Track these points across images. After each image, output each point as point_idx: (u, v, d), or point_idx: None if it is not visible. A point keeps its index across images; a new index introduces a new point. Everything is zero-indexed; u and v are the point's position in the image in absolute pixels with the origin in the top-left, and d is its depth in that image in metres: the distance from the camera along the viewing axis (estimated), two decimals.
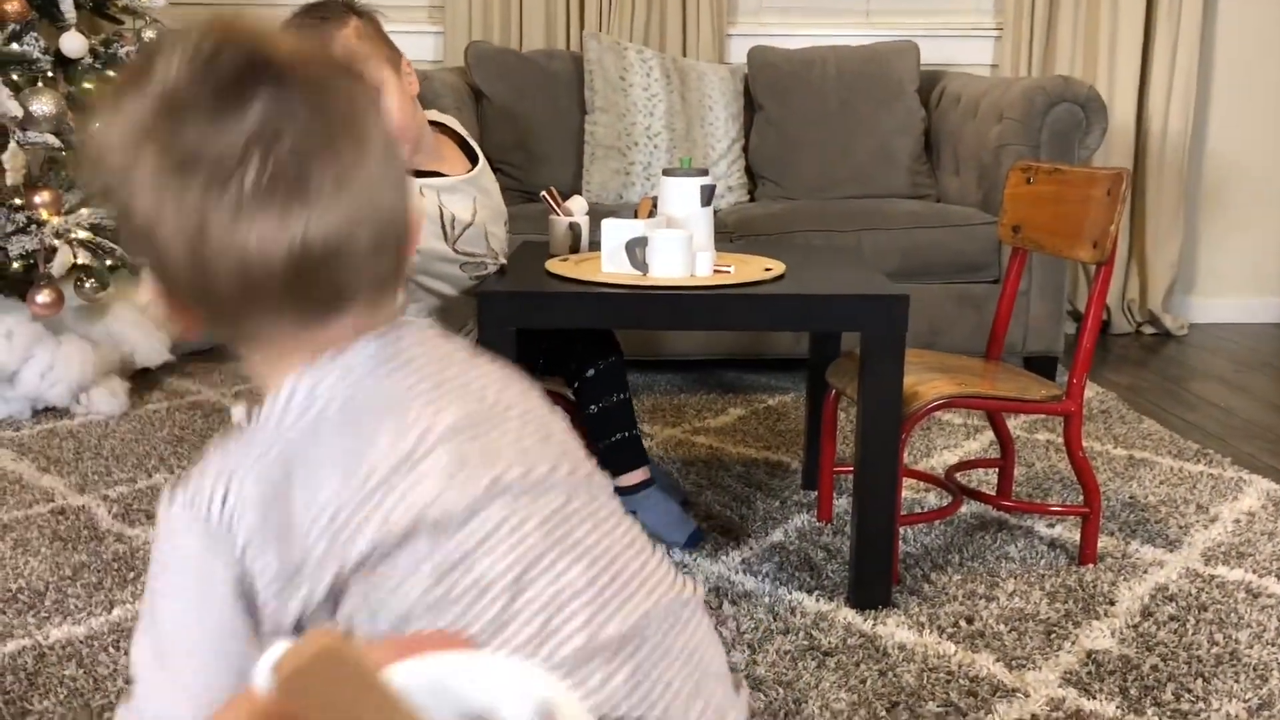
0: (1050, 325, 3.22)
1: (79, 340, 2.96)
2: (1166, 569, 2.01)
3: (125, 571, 1.96)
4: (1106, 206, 1.94)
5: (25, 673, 1.63)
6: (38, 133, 2.84)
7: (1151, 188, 3.93)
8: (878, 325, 1.77)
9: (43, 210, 2.84)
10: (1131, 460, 2.59)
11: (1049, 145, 3.15)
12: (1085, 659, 1.69)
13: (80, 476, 2.44)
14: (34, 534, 2.12)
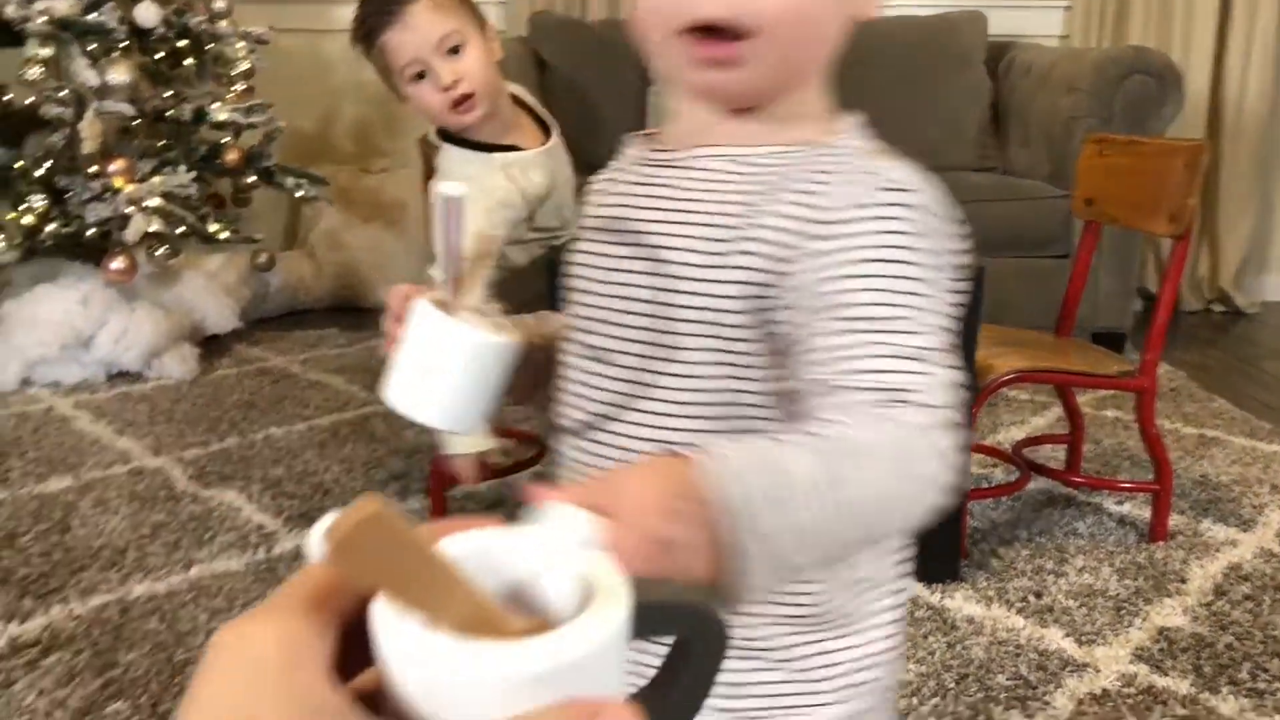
0: (1119, 302, 3.17)
1: (151, 306, 3.02)
2: (1240, 548, 1.98)
3: (202, 532, 2.01)
4: (1184, 178, 1.91)
5: (111, 626, 1.68)
6: (113, 102, 2.90)
7: (1226, 162, 3.84)
8: None
9: (117, 178, 2.90)
10: (1202, 439, 2.55)
11: (1122, 117, 3.09)
12: (1157, 636, 1.68)
13: (155, 439, 2.50)
14: (113, 493, 2.18)
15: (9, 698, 1.49)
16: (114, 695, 1.50)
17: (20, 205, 2.90)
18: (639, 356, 0.71)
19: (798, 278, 0.64)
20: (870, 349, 0.60)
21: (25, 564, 1.87)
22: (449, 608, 0.32)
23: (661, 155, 0.74)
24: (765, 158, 0.69)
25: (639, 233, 0.72)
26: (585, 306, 0.75)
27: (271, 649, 0.32)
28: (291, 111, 3.64)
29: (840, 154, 0.68)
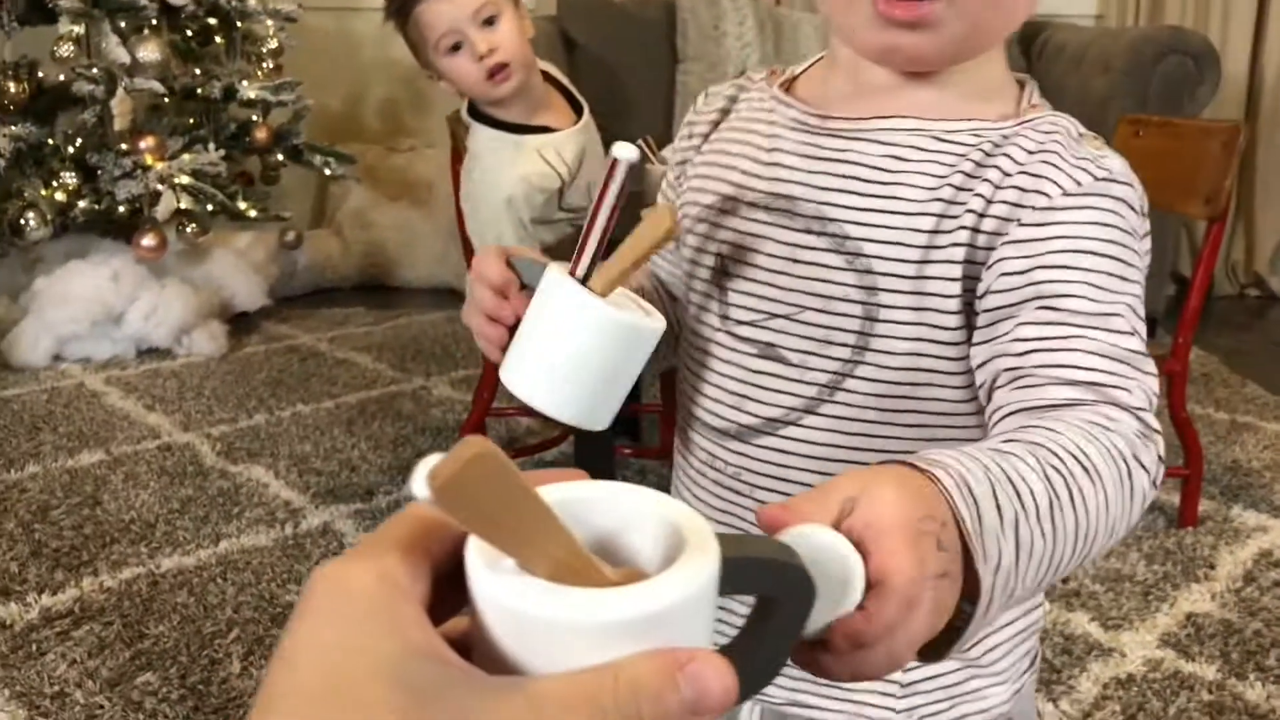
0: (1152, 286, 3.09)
1: (180, 284, 3.04)
2: (1271, 534, 1.96)
3: (230, 507, 2.03)
4: (1221, 160, 1.88)
5: (140, 599, 1.70)
6: (144, 79, 2.91)
7: (1263, 144, 3.78)
8: None
9: (147, 155, 2.92)
10: (1234, 424, 2.52)
11: (1158, 99, 3.04)
12: (1184, 621, 1.66)
13: (184, 415, 2.52)
14: (143, 468, 2.20)
15: (41, 667, 1.51)
16: (143, 666, 1.52)
17: (52, 182, 2.92)
18: (834, 360, 0.64)
19: (1006, 263, 0.60)
20: (1081, 343, 0.56)
21: (57, 537, 1.90)
22: (545, 552, 0.32)
23: (834, 124, 0.66)
24: (965, 134, 0.63)
25: (828, 219, 0.64)
26: (755, 298, 0.66)
27: (371, 586, 0.32)
28: (320, 90, 3.65)
29: (1050, 134, 0.62)
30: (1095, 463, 0.50)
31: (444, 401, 2.59)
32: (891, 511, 0.40)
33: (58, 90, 2.96)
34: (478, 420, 2.07)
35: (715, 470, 0.70)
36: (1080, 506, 0.49)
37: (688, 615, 0.32)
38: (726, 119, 0.73)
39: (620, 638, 0.31)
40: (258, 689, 0.31)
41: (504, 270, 0.65)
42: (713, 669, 0.31)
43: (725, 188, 0.69)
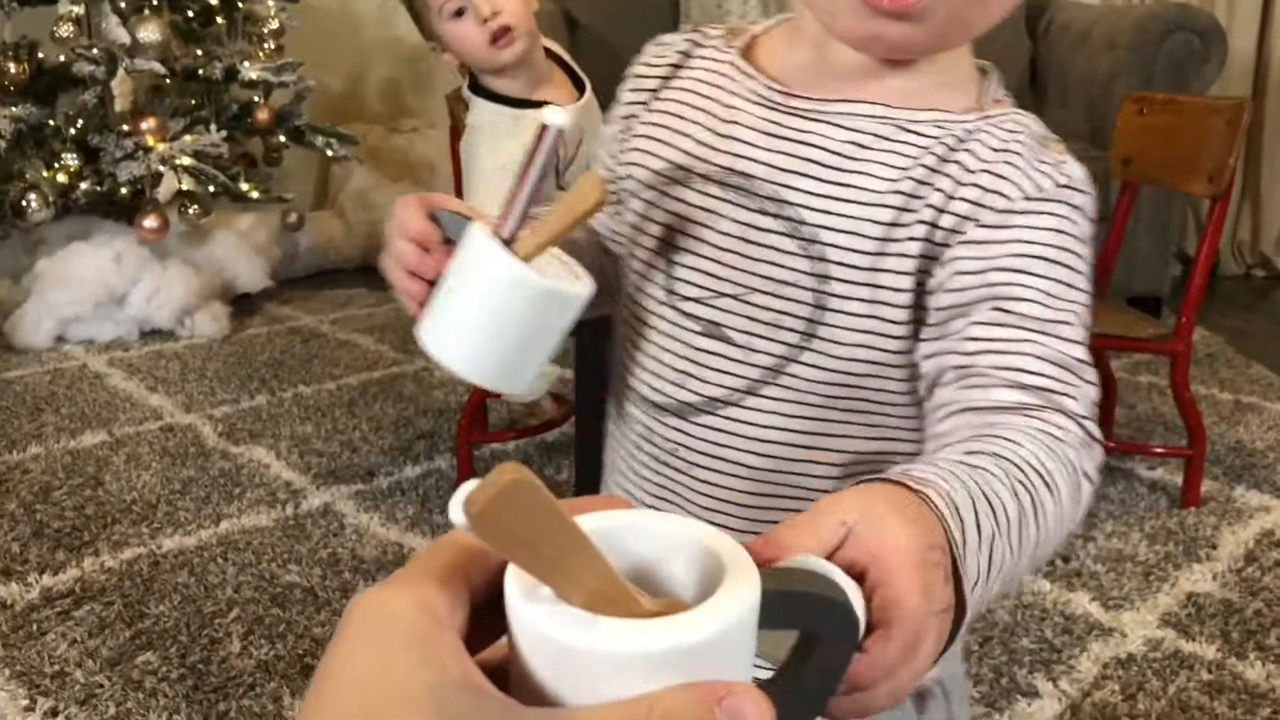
0: (1156, 265, 3.12)
1: (183, 265, 3.04)
2: (1274, 514, 1.95)
3: (231, 488, 2.03)
4: (1225, 138, 1.86)
5: (141, 579, 1.70)
6: (144, 60, 2.90)
7: (1270, 123, 3.75)
8: None
9: (149, 136, 2.91)
10: (1238, 405, 2.51)
11: (1163, 76, 3.02)
12: (1185, 601, 1.66)
13: (186, 396, 2.52)
14: (145, 449, 2.20)
15: (41, 647, 1.52)
16: (144, 646, 1.52)
17: (54, 164, 2.92)
18: (780, 344, 0.63)
19: (962, 262, 0.59)
20: (1032, 348, 0.57)
21: (58, 517, 1.90)
22: (582, 581, 0.31)
23: (798, 103, 0.64)
24: (929, 125, 0.62)
25: (785, 202, 0.62)
26: (703, 275, 0.65)
27: (409, 615, 0.31)
28: (321, 71, 3.64)
29: (1013, 134, 0.62)
30: (1055, 478, 0.51)
31: (445, 383, 2.59)
32: (898, 543, 0.38)
33: (58, 71, 2.96)
34: (478, 401, 2.07)
35: (652, 445, 0.69)
36: (1042, 520, 0.50)
37: (726, 648, 0.31)
38: (678, 75, 0.70)
39: (657, 670, 0.30)
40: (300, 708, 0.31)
41: (426, 223, 0.62)
42: (751, 704, 0.31)
43: (676, 155, 0.67)
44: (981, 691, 1.44)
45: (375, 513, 1.94)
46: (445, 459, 2.17)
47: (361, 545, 1.81)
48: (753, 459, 0.65)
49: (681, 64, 0.70)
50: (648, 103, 0.71)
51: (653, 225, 0.67)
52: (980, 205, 0.60)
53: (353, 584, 1.69)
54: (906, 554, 0.38)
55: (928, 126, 0.62)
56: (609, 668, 0.31)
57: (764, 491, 0.66)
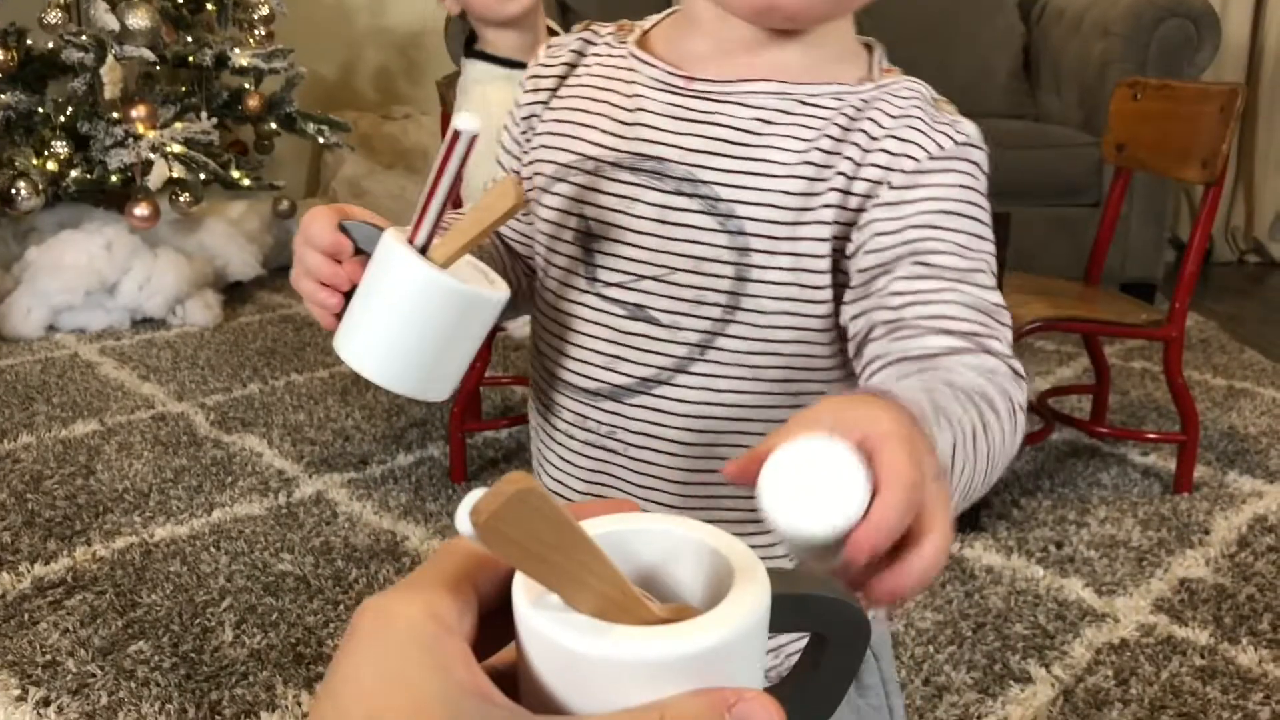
0: (1150, 251, 3.12)
1: (174, 253, 3.03)
2: (1266, 500, 1.96)
3: (223, 476, 2.03)
4: (1218, 124, 1.86)
5: (134, 568, 1.69)
6: (134, 46, 2.88)
7: (1264, 109, 3.75)
8: None
9: (139, 124, 2.90)
10: (1231, 390, 2.51)
11: (1156, 63, 3.01)
12: (1178, 587, 1.66)
13: (178, 385, 2.51)
14: (136, 438, 2.20)
15: (33, 636, 1.51)
16: (136, 635, 1.52)
17: (43, 151, 2.90)
18: (705, 319, 0.65)
19: (878, 224, 0.62)
20: (954, 295, 0.59)
21: (50, 506, 1.90)
22: (590, 588, 0.31)
23: (700, 85, 0.66)
24: (827, 98, 0.64)
25: (699, 181, 0.64)
26: (623, 260, 0.66)
27: (418, 623, 0.31)
28: (313, 57, 3.62)
29: (909, 99, 0.64)
30: (995, 402, 0.54)
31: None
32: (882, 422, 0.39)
33: (47, 58, 2.94)
34: (472, 389, 2.07)
35: (587, 431, 0.70)
36: (991, 437, 0.52)
37: (736, 654, 0.31)
38: (574, 73, 0.72)
39: (667, 676, 0.30)
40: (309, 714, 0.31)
41: (335, 234, 0.63)
42: (761, 709, 0.31)
43: (584, 147, 0.68)
44: (975, 678, 1.44)
45: (368, 501, 1.93)
46: (438, 447, 2.17)
47: (354, 534, 1.81)
48: (687, 435, 0.67)
49: (576, 62, 0.72)
50: (547, 101, 0.72)
51: (568, 218, 0.68)
52: (890, 169, 0.62)
53: (345, 572, 1.68)
54: (892, 426, 0.39)
55: (826, 99, 0.64)
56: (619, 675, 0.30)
57: (698, 467, 0.67)
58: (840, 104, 0.64)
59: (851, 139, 0.63)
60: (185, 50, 3.15)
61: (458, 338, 0.61)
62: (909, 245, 0.61)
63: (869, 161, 0.62)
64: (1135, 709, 1.38)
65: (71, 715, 1.35)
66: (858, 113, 0.64)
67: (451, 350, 0.61)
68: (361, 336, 0.61)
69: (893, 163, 0.62)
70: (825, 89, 0.64)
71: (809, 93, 0.64)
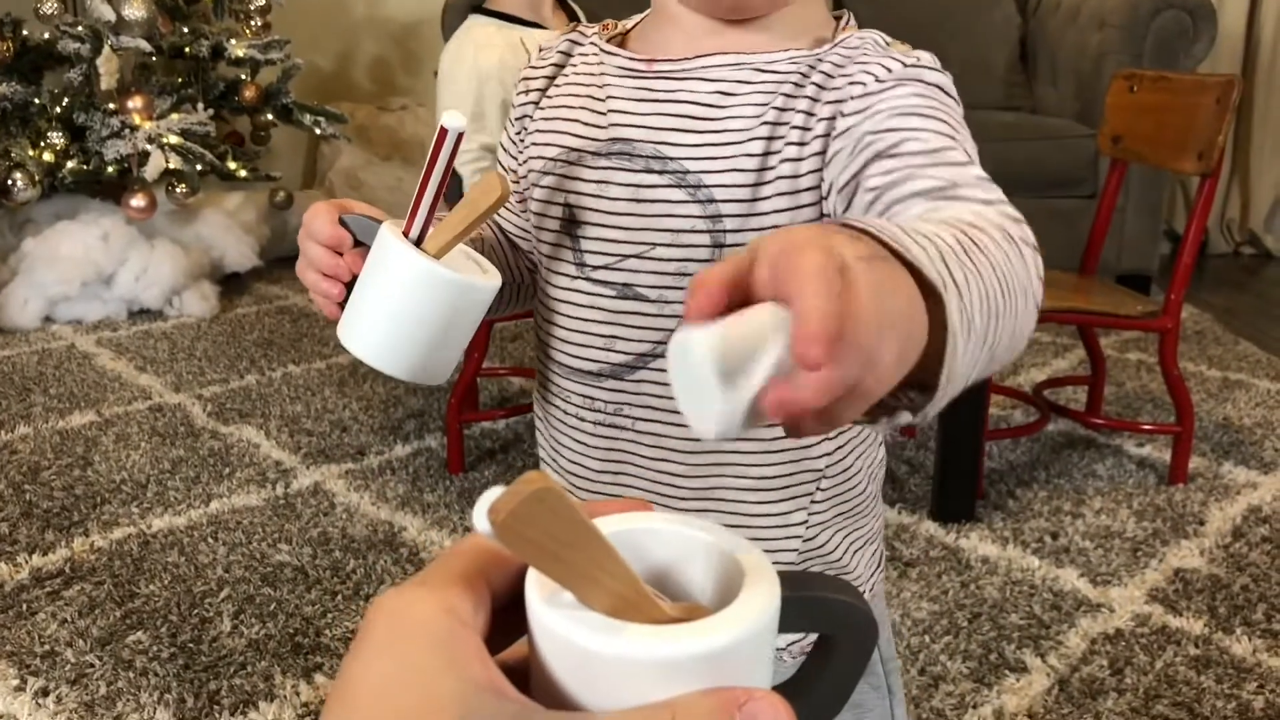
0: (1146, 243, 3.12)
1: (170, 244, 3.03)
2: (1260, 491, 1.96)
3: (221, 467, 2.03)
4: (1214, 115, 1.86)
5: (131, 558, 1.70)
6: (130, 37, 2.88)
7: (1259, 101, 3.76)
8: None
9: (135, 115, 2.89)
10: (1226, 382, 2.52)
11: (1153, 54, 3.02)
12: (1173, 577, 1.67)
13: (175, 376, 2.51)
14: (134, 429, 2.20)
15: (31, 627, 1.51)
16: (134, 625, 1.52)
17: (39, 142, 2.90)
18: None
19: (840, 154, 0.61)
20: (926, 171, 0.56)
21: (48, 497, 1.90)
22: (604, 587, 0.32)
23: (661, 66, 0.68)
24: (784, 62, 0.65)
25: (667, 158, 0.66)
26: (606, 242, 0.68)
27: (432, 619, 0.32)
28: (309, 48, 3.61)
29: (858, 47, 0.65)
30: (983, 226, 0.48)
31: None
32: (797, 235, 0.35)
33: (43, 49, 2.93)
34: (469, 379, 2.07)
35: (595, 411, 0.71)
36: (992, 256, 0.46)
37: (746, 654, 0.32)
38: (562, 73, 0.74)
39: (679, 675, 0.31)
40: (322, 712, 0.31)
41: (336, 228, 0.66)
42: (770, 708, 0.31)
43: (569, 140, 0.70)
44: (970, 667, 1.45)
45: (366, 492, 1.94)
46: (435, 438, 2.17)
47: (352, 524, 1.81)
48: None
49: (563, 63, 0.75)
50: (538, 102, 0.74)
51: (556, 209, 0.71)
52: (841, 102, 0.62)
53: (343, 563, 1.69)
54: (807, 237, 0.34)
55: (783, 63, 0.66)
56: (631, 673, 0.31)
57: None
58: (795, 66, 0.65)
59: (804, 93, 0.64)
60: (181, 41, 3.14)
61: (452, 324, 0.64)
62: (870, 149, 0.59)
63: (821, 113, 0.63)
64: (1130, 698, 1.39)
65: (70, 705, 1.36)
66: (811, 69, 0.65)
67: (446, 336, 0.64)
68: (361, 325, 0.64)
69: (843, 95, 0.62)
70: (783, 55, 0.66)
71: (766, 60, 0.66)
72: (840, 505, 0.71)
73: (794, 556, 0.70)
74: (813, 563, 0.71)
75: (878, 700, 0.76)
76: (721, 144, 0.65)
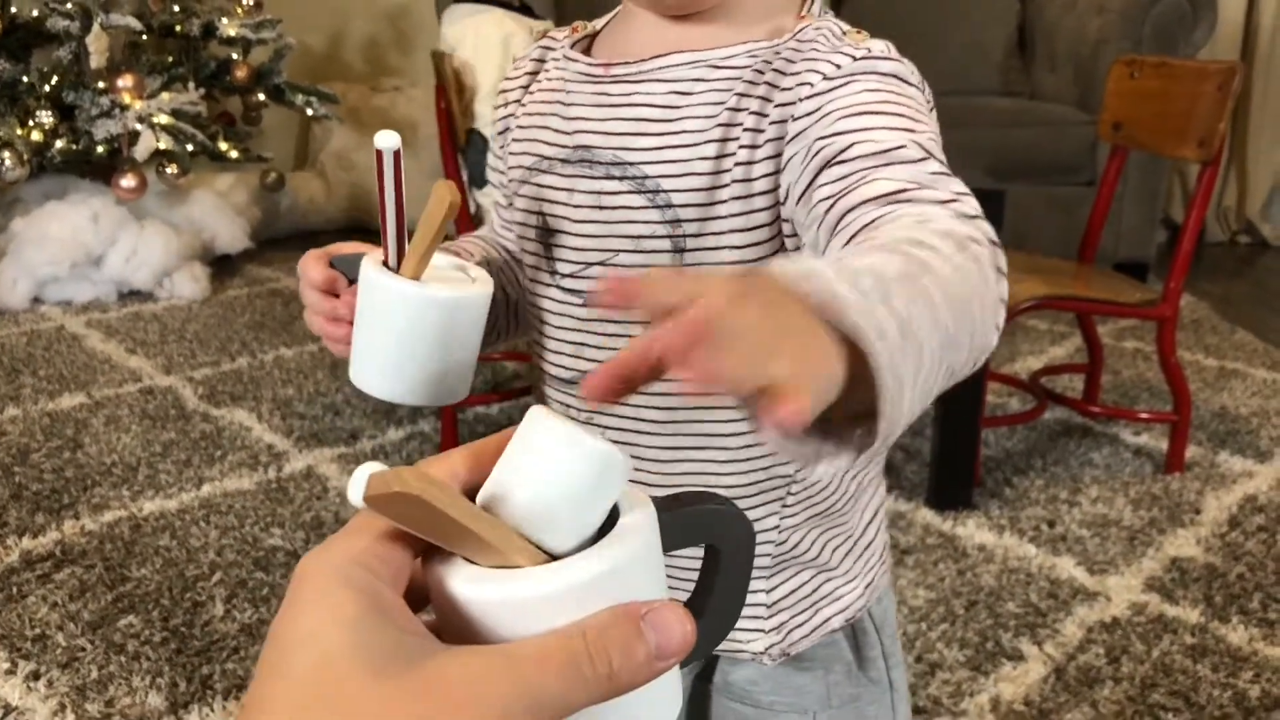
0: (1143, 231, 3.12)
1: (161, 225, 3.00)
2: (1256, 479, 1.96)
3: (212, 450, 2.01)
4: (1216, 102, 1.85)
5: (123, 542, 1.68)
6: (120, 16, 2.84)
7: (1258, 89, 3.75)
8: None
9: (125, 94, 2.86)
10: (1223, 370, 2.52)
11: (1152, 40, 3.00)
12: (1169, 566, 1.67)
13: (166, 358, 2.49)
14: (124, 411, 2.18)
15: (22, 610, 1.50)
16: (125, 609, 1.51)
17: (28, 121, 2.86)
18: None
19: (795, 157, 0.60)
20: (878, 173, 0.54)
21: (38, 480, 1.88)
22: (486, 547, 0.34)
23: (617, 70, 0.67)
24: (740, 57, 0.64)
25: (626, 163, 0.65)
26: (572, 250, 0.68)
27: (357, 572, 0.33)
28: (301, 28, 3.58)
29: (811, 41, 0.63)
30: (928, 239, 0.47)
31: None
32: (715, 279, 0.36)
33: (32, 26, 2.90)
34: None
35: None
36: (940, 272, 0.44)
37: (637, 572, 0.34)
38: (536, 80, 0.74)
39: (579, 602, 0.33)
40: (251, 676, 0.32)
41: (326, 270, 0.66)
42: (671, 614, 0.34)
43: (541, 148, 0.70)
44: (967, 655, 1.44)
45: None
46: (429, 422, 2.15)
47: (345, 508, 1.80)
48: (660, 412, 0.68)
49: (537, 70, 0.74)
50: (514, 113, 0.74)
51: (531, 217, 0.71)
52: (792, 104, 0.61)
53: None
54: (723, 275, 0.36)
55: (740, 57, 0.64)
56: (533, 610, 0.33)
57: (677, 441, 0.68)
58: (752, 60, 0.64)
59: (757, 92, 0.62)
60: (172, 20, 3.11)
61: (451, 341, 0.63)
62: (819, 156, 0.57)
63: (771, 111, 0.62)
64: (1126, 687, 1.38)
65: (62, 689, 1.34)
66: (766, 65, 0.63)
67: (450, 354, 0.64)
68: (366, 363, 0.64)
69: (792, 97, 0.61)
70: (739, 48, 0.64)
71: (722, 56, 0.64)
72: (814, 508, 0.70)
73: (768, 561, 0.69)
74: (790, 564, 0.71)
75: (878, 694, 0.76)
76: (678, 146, 0.64)
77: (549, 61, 0.73)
